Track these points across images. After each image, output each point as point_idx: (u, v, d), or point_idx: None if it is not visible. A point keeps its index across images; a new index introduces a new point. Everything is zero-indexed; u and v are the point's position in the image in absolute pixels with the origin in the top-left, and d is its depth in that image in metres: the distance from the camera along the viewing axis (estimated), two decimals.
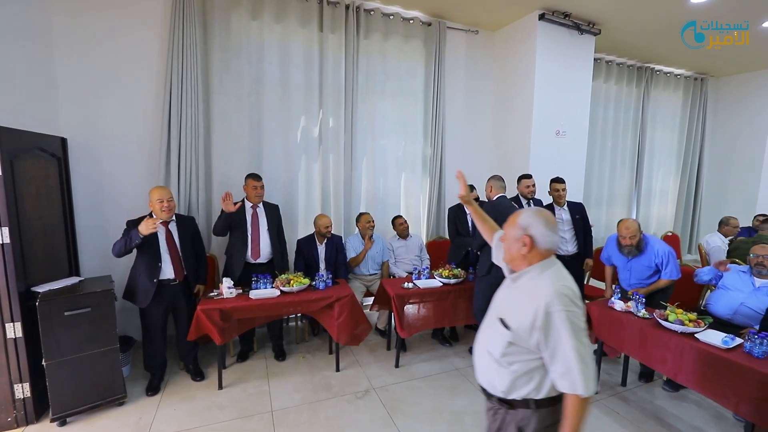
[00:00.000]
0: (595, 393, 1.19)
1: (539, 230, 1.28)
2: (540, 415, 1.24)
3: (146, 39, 3.22)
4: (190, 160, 3.32)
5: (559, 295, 1.17)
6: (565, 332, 1.14)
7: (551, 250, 1.31)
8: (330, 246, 3.52)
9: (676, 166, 6.30)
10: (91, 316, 2.39)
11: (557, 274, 1.26)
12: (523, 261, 1.31)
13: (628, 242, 2.90)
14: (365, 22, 3.90)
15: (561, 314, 1.15)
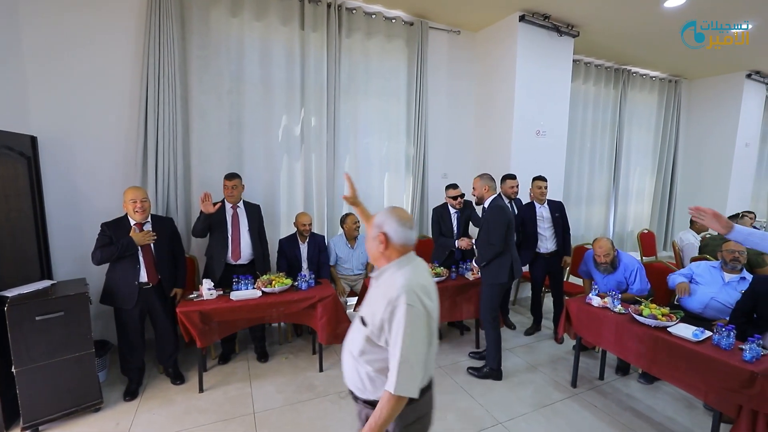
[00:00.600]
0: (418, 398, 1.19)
1: (392, 227, 1.30)
2: (401, 414, 1.23)
3: (121, 35, 3.13)
4: (168, 160, 3.25)
5: (407, 290, 1.18)
6: (401, 326, 1.15)
7: (407, 245, 1.33)
8: (312, 245, 3.50)
9: (652, 165, 6.49)
10: (64, 321, 2.32)
11: (414, 270, 1.28)
12: (383, 258, 1.33)
13: (603, 260, 3.05)
14: (347, 20, 3.88)
15: (403, 308, 1.16)
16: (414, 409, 1.26)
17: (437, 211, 3.64)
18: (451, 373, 3.07)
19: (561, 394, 2.82)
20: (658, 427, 2.46)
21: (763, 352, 2.04)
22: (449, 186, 3.58)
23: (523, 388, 2.88)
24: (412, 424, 1.28)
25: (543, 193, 3.68)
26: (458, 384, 2.92)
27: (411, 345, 1.16)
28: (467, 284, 3.32)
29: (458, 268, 3.47)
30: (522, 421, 2.50)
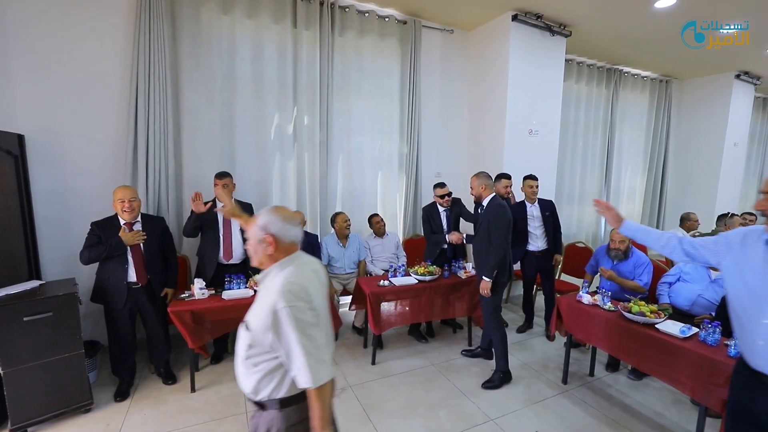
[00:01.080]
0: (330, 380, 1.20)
1: (278, 226, 1.28)
2: (285, 414, 1.24)
3: (110, 32, 3.10)
4: (159, 159, 3.23)
5: (284, 292, 1.17)
6: (290, 328, 1.14)
7: (295, 243, 1.33)
8: (305, 244, 3.49)
9: (643, 164, 6.55)
10: (53, 321, 2.30)
11: (295, 270, 1.26)
12: (270, 260, 1.30)
13: (617, 246, 3.11)
14: (340, 19, 3.87)
15: (284, 311, 1.15)
16: (299, 409, 1.25)
17: (426, 210, 3.65)
18: (443, 370, 3.09)
19: (552, 390, 2.85)
20: (647, 422, 2.50)
21: None
22: (436, 185, 3.57)
23: (514, 384, 2.91)
24: (296, 425, 1.25)
25: (534, 192, 3.70)
26: (450, 381, 2.93)
27: (305, 339, 1.15)
28: (460, 282, 3.33)
29: (450, 267, 3.49)
30: (513, 418, 2.52)
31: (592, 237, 6.13)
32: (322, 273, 1.42)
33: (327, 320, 1.32)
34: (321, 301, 1.30)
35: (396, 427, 2.41)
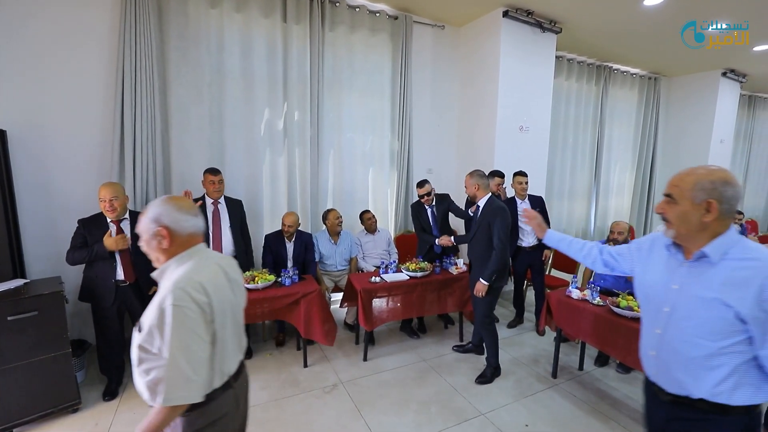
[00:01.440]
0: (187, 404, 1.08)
1: (172, 217, 1.18)
2: (188, 420, 1.15)
3: (96, 25, 3.03)
4: (147, 154, 3.17)
5: (174, 289, 1.07)
6: (169, 330, 1.05)
7: (195, 235, 1.23)
8: (299, 244, 3.48)
9: (632, 160, 6.63)
10: (39, 320, 2.26)
11: (194, 265, 1.18)
12: (166, 255, 1.19)
13: (616, 236, 3.22)
14: (330, 13, 3.84)
15: (169, 310, 1.05)
16: (203, 414, 1.16)
17: (414, 207, 3.66)
18: (434, 366, 3.10)
19: (542, 384, 2.88)
20: (635, 414, 2.54)
21: None
22: (418, 184, 3.55)
23: (504, 379, 2.93)
24: (202, 430, 1.16)
25: (524, 189, 3.73)
26: (441, 376, 2.95)
27: (180, 348, 1.05)
28: (451, 278, 3.35)
29: (442, 263, 3.50)
30: (503, 412, 2.55)
31: (582, 232, 6.20)
32: (233, 269, 1.32)
33: (232, 323, 1.23)
34: (227, 300, 1.21)
35: (387, 423, 2.42)
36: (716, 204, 1.11)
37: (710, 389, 1.14)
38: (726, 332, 1.10)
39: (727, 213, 1.13)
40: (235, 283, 1.31)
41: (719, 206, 1.11)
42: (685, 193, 1.15)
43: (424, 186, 3.49)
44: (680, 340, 1.20)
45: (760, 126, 8.03)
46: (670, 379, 1.24)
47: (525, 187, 3.73)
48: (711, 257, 1.14)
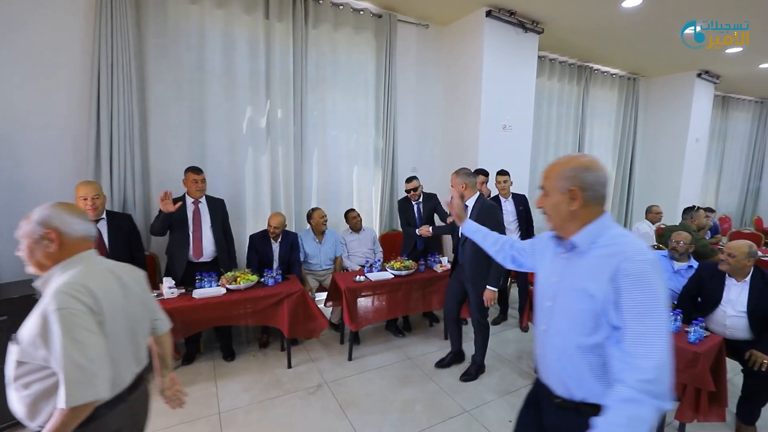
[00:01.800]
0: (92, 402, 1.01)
1: (63, 219, 1.12)
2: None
3: (69, 19, 2.93)
4: (125, 153, 3.09)
5: (57, 293, 1.01)
6: (59, 335, 0.98)
7: (87, 239, 1.17)
8: (285, 244, 3.44)
9: (612, 159, 6.77)
10: (9, 326, 2.17)
11: (82, 270, 1.11)
12: (51, 261, 1.13)
13: None
14: (314, 11, 3.80)
15: (55, 315, 0.98)
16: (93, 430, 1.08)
17: (401, 203, 3.70)
18: (419, 364, 3.11)
19: (525, 380, 2.92)
20: None
21: (706, 334, 2.18)
22: (407, 179, 3.63)
23: (489, 376, 2.96)
24: None
25: (504, 188, 3.77)
26: (426, 375, 2.96)
27: (75, 346, 0.98)
28: (436, 276, 3.36)
29: (426, 261, 3.51)
30: (488, 409, 2.57)
31: None
32: (127, 275, 1.26)
33: (126, 332, 1.18)
34: (118, 306, 1.15)
35: (372, 423, 2.41)
36: (579, 191, 1.07)
37: (590, 387, 1.06)
38: (594, 326, 1.02)
39: (594, 200, 1.08)
40: (129, 291, 1.23)
41: (582, 193, 1.07)
42: (552, 183, 1.13)
43: (412, 181, 3.56)
44: (559, 335, 1.12)
45: (733, 126, 8.31)
46: (555, 379, 1.15)
47: (506, 186, 3.77)
48: (580, 246, 1.09)
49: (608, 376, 1.01)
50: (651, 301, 0.93)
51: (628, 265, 0.96)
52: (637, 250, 0.98)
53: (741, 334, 2.39)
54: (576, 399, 1.09)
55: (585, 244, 1.08)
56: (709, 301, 2.53)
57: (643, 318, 0.93)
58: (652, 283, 0.94)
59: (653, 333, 0.92)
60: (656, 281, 0.95)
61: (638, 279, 0.94)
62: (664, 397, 0.90)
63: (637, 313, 0.94)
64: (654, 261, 0.97)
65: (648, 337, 0.92)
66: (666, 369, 0.91)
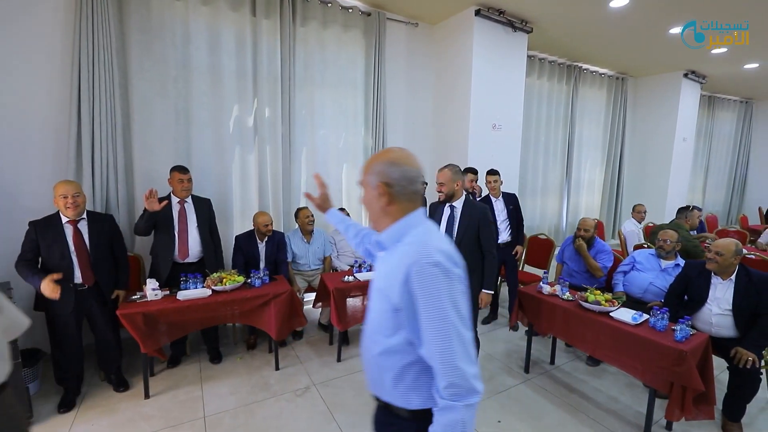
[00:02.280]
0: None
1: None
2: None
3: (48, 14, 2.84)
4: (107, 152, 3.01)
5: None
6: None
7: None
8: (271, 244, 3.39)
9: (602, 158, 6.83)
10: None
11: None
12: None
13: (582, 233, 3.26)
14: (302, 9, 3.75)
15: None
16: None
17: None
18: None
19: (514, 380, 2.91)
20: (603, 406, 2.60)
21: (692, 332, 2.19)
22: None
23: None
24: None
25: (494, 188, 3.76)
26: None
27: None
28: None
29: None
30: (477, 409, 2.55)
31: (554, 229, 6.33)
32: None
33: None
34: None
35: (361, 425, 2.38)
36: (385, 186, 1.03)
37: (390, 391, 1.04)
38: (392, 327, 0.99)
39: (403, 195, 1.05)
40: None
41: (389, 189, 1.03)
42: (366, 178, 1.10)
43: None
44: (367, 335, 1.12)
45: (719, 125, 8.44)
46: (368, 377, 1.14)
47: (496, 186, 3.76)
48: (384, 244, 1.06)
49: (405, 381, 1.00)
50: (436, 305, 0.90)
51: (416, 267, 0.92)
52: (425, 251, 0.93)
53: (727, 332, 2.41)
54: (383, 399, 1.08)
55: (389, 242, 1.06)
56: (695, 299, 2.55)
57: (432, 321, 0.91)
58: (438, 285, 0.90)
59: (441, 336, 0.90)
60: (441, 283, 0.91)
61: (423, 282, 0.91)
62: (471, 393, 0.90)
63: (426, 318, 0.91)
64: (441, 263, 0.92)
65: (438, 342, 0.90)
66: (461, 369, 0.89)
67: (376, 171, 1.06)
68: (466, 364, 0.90)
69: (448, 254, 0.95)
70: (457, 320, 0.91)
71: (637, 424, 2.40)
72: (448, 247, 0.99)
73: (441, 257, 0.93)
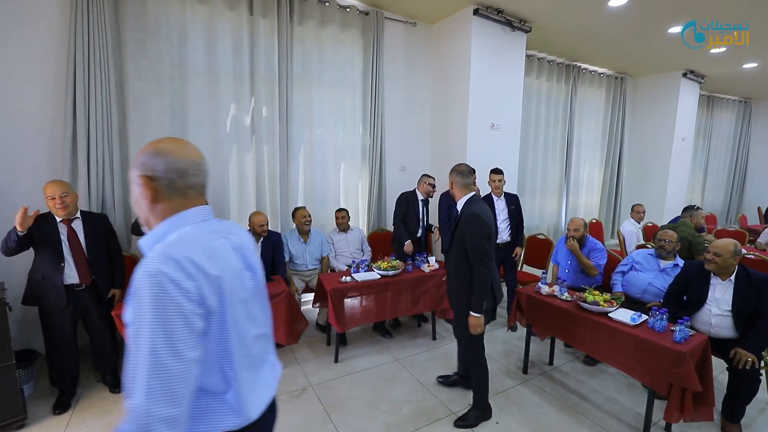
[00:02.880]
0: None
1: None
2: None
3: (42, 11, 2.82)
4: (103, 151, 2.99)
5: None
6: None
7: None
8: (267, 245, 3.37)
9: (600, 157, 6.81)
10: None
11: None
12: None
13: (572, 234, 3.21)
14: (299, 7, 3.74)
15: None
16: None
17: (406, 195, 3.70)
18: (406, 366, 3.07)
19: (513, 380, 2.89)
20: (602, 407, 2.59)
21: (691, 333, 2.18)
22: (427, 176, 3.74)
23: None
24: None
25: (498, 187, 3.74)
26: (413, 376, 2.92)
27: None
28: (424, 276, 3.32)
29: (414, 261, 3.47)
30: None
31: (553, 228, 6.32)
32: None
33: None
34: None
35: (357, 426, 2.37)
36: (147, 180, 0.89)
37: None
38: None
39: (173, 190, 0.91)
40: None
41: (153, 183, 0.90)
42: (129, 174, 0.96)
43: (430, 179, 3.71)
44: None
45: (718, 125, 8.43)
46: None
47: (500, 186, 3.74)
48: (142, 248, 0.90)
49: None
50: (137, 322, 0.75)
51: (136, 277, 0.78)
52: (154, 257, 0.79)
53: (726, 333, 2.40)
54: None
55: (146, 247, 0.90)
56: (694, 299, 2.53)
57: (130, 339, 0.76)
58: (142, 302, 0.75)
59: (133, 360, 0.75)
60: (147, 298, 0.75)
61: (134, 294, 0.77)
62: None
63: (129, 334, 0.76)
64: (163, 273, 0.76)
65: (130, 365, 0.75)
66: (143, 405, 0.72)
67: (138, 163, 0.91)
68: (151, 399, 0.72)
69: (193, 265, 0.81)
70: (161, 345, 0.74)
71: (636, 426, 2.38)
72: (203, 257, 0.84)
73: (168, 267, 0.77)
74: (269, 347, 1.12)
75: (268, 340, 1.11)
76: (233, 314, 0.91)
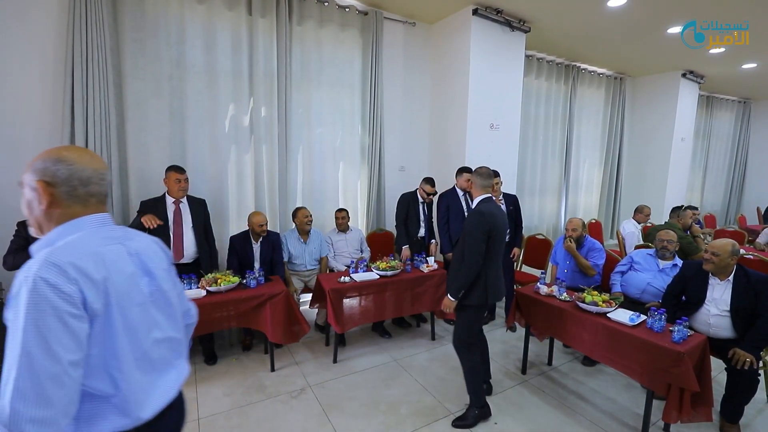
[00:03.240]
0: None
1: None
2: None
3: (39, 10, 2.81)
4: (101, 151, 2.98)
5: None
6: None
7: None
8: (266, 245, 3.36)
9: (600, 157, 6.81)
10: None
11: None
12: None
13: (570, 234, 3.22)
14: (298, 7, 3.73)
15: None
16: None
17: (407, 197, 3.75)
18: (405, 366, 3.07)
19: (512, 381, 2.89)
20: (600, 408, 2.59)
21: (690, 333, 2.17)
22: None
23: None
24: None
25: (496, 189, 3.73)
26: (412, 377, 2.92)
27: None
28: (423, 277, 3.32)
29: (413, 261, 3.47)
30: None
31: (552, 229, 6.32)
32: None
33: None
34: None
35: (356, 426, 2.37)
36: (45, 185, 0.90)
37: None
38: None
39: (73, 198, 0.92)
40: None
41: (51, 189, 0.90)
42: (23, 178, 0.97)
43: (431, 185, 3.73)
44: None
45: (718, 125, 8.44)
46: None
47: (497, 188, 3.74)
48: (31, 251, 0.90)
49: None
50: (14, 326, 0.76)
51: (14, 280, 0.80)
52: (35, 261, 0.80)
53: (724, 333, 2.39)
54: None
55: (37, 251, 0.88)
56: (692, 300, 2.53)
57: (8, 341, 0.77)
58: (20, 305, 0.77)
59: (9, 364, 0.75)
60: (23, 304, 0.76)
61: (12, 298, 0.79)
62: None
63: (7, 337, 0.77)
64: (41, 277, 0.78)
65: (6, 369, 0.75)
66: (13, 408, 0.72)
67: (36, 168, 0.92)
68: (19, 400, 0.73)
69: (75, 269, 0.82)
70: (35, 348, 0.75)
71: (635, 426, 2.38)
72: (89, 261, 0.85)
73: (48, 272, 0.79)
74: (178, 352, 1.11)
75: (175, 344, 1.09)
76: (125, 317, 0.92)
